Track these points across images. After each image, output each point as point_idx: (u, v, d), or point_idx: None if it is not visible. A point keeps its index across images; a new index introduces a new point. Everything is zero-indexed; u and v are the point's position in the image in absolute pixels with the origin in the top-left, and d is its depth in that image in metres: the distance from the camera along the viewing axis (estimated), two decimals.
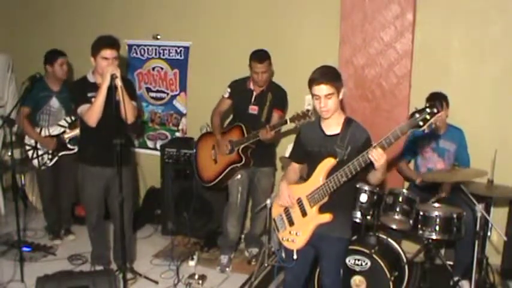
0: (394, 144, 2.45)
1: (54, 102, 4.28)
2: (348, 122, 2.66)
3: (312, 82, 2.57)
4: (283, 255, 2.96)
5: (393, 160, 3.94)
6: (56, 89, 4.28)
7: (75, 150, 4.20)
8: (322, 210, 2.69)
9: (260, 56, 3.78)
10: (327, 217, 2.67)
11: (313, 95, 2.60)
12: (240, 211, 4.01)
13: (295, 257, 2.79)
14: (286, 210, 2.85)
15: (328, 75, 2.56)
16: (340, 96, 2.61)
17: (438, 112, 2.30)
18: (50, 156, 4.30)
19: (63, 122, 4.33)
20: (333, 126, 2.66)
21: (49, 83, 4.27)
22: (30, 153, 4.29)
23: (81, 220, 4.50)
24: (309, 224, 2.72)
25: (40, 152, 4.28)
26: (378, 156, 2.41)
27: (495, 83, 3.95)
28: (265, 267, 3.88)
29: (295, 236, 2.79)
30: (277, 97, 3.93)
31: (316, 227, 2.71)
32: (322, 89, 2.54)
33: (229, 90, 3.99)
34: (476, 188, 3.37)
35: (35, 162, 4.29)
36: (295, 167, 2.92)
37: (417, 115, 2.33)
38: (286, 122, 3.62)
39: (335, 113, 2.63)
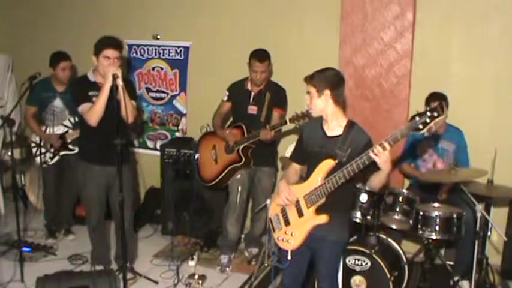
0: (393, 146, 2.44)
1: (58, 103, 4.29)
2: (350, 125, 2.65)
3: None
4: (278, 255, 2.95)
5: (394, 163, 3.93)
6: (60, 90, 4.29)
7: (76, 151, 4.20)
8: (319, 211, 2.67)
9: (260, 55, 3.79)
10: (323, 218, 2.64)
11: None
12: (240, 211, 4.01)
13: (289, 257, 2.78)
14: (283, 210, 2.84)
15: (313, 75, 2.63)
16: (322, 98, 2.58)
17: (439, 116, 2.27)
18: (51, 155, 4.32)
19: (67, 122, 4.34)
20: (334, 128, 2.66)
21: (54, 84, 4.29)
22: (34, 150, 4.34)
23: (82, 220, 4.49)
24: (305, 224, 2.71)
25: (43, 150, 4.31)
26: (378, 152, 2.36)
27: (495, 83, 3.95)
28: (265, 267, 3.89)
29: (291, 236, 2.77)
30: (276, 96, 3.94)
31: (312, 228, 2.69)
32: (307, 87, 2.66)
33: (227, 93, 4.02)
34: (476, 188, 3.37)
35: (38, 159, 4.34)
36: (296, 168, 2.91)
37: (417, 118, 2.30)
38: (286, 123, 3.64)
39: (324, 112, 2.63)
